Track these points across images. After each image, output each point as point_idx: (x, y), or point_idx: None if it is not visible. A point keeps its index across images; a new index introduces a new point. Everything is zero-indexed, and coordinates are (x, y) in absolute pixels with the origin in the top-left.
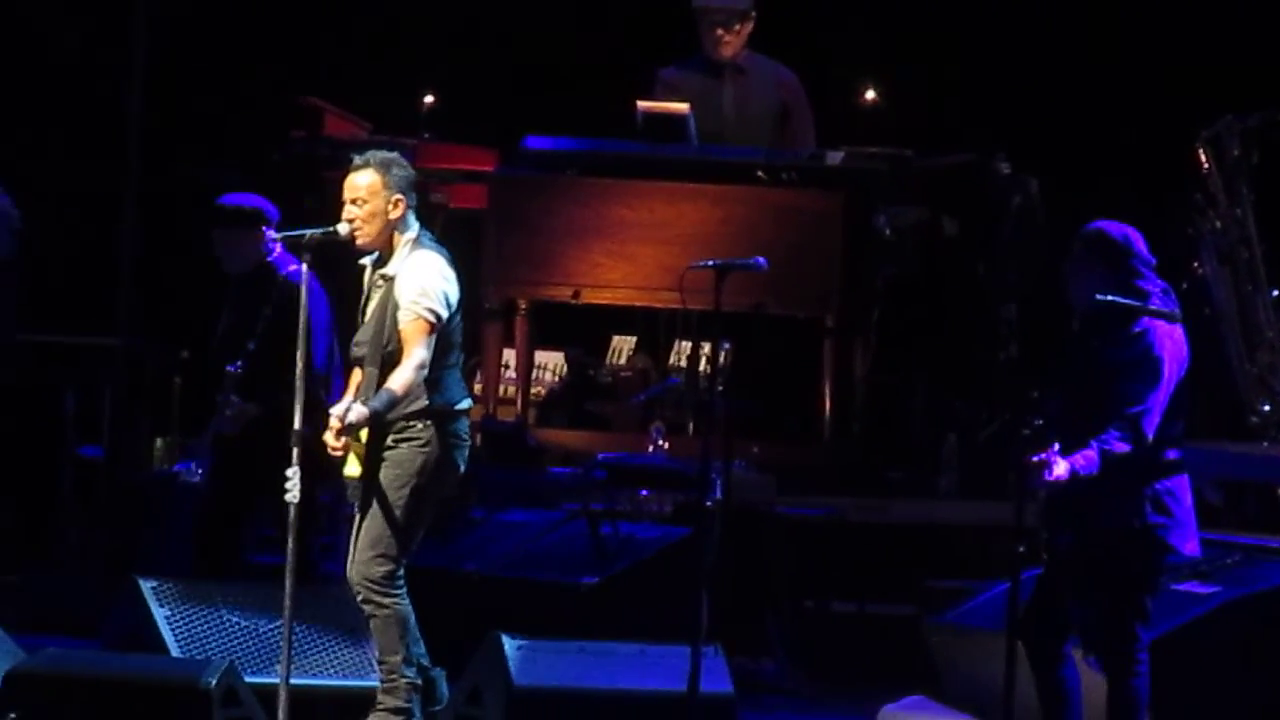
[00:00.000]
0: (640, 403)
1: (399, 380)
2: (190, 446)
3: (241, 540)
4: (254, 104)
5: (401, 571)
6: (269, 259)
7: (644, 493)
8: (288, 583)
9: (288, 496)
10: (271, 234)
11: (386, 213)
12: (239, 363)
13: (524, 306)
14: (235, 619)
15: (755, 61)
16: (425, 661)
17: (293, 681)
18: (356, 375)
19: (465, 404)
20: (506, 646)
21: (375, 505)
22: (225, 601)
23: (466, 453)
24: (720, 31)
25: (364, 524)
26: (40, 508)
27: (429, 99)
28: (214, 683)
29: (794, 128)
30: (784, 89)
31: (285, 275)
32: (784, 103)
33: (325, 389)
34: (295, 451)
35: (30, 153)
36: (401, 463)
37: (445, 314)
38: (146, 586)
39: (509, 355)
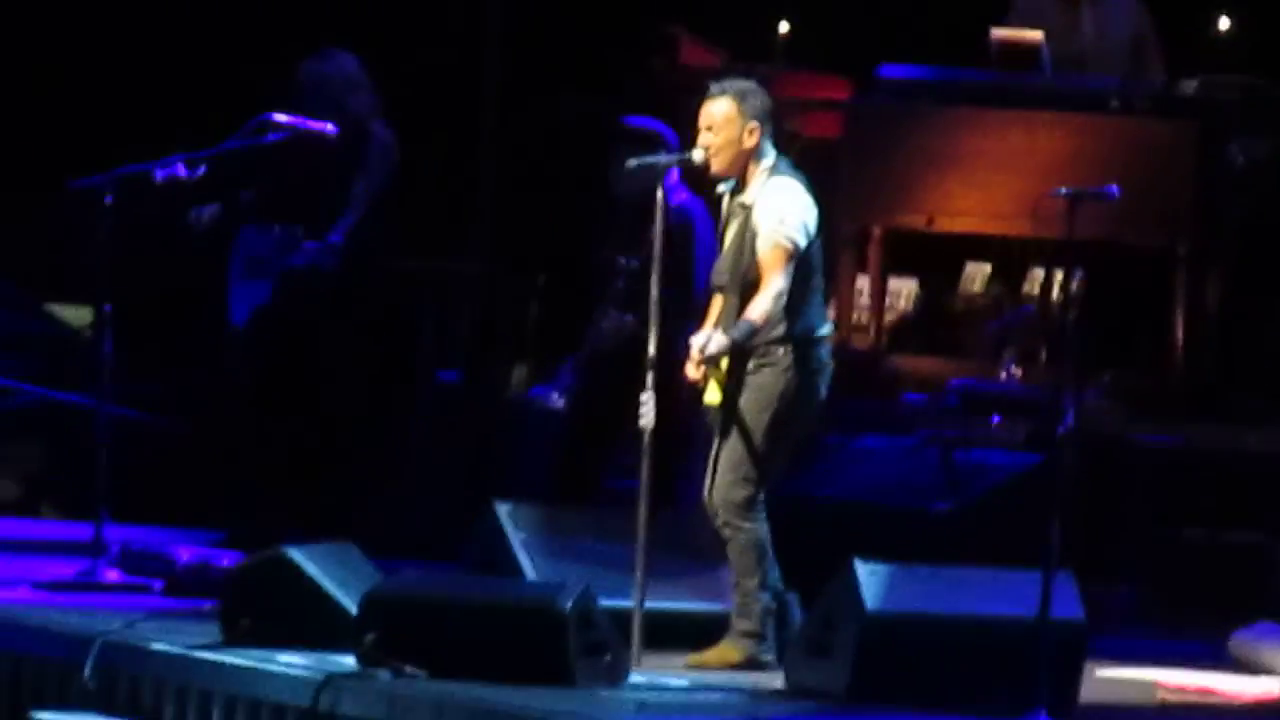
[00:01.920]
0: (993, 330)
1: (759, 309)
2: (556, 370)
3: (605, 463)
4: (612, 31)
5: (762, 496)
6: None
7: (996, 419)
8: (641, 508)
9: (642, 422)
10: (632, 161)
11: (741, 140)
12: (621, 280)
13: (878, 234)
14: (591, 543)
15: None
16: (779, 586)
17: (647, 606)
18: (717, 302)
19: (826, 330)
20: (859, 571)
21: (735, 430)
22: (580, 526)
23: (828, 379)
24: None
25: (724, 448)
26: (400, 432)
27: (784, 27)
28: (570, 606)
29: (1148, 57)
30: (1137, 17)
31: (675, 205)
32: (1137, 32)
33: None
34: (650, 376)
35: (390, 78)
36: (763, 388)
37: (804, 241)
38: (503, 510)
39: (862, 282)
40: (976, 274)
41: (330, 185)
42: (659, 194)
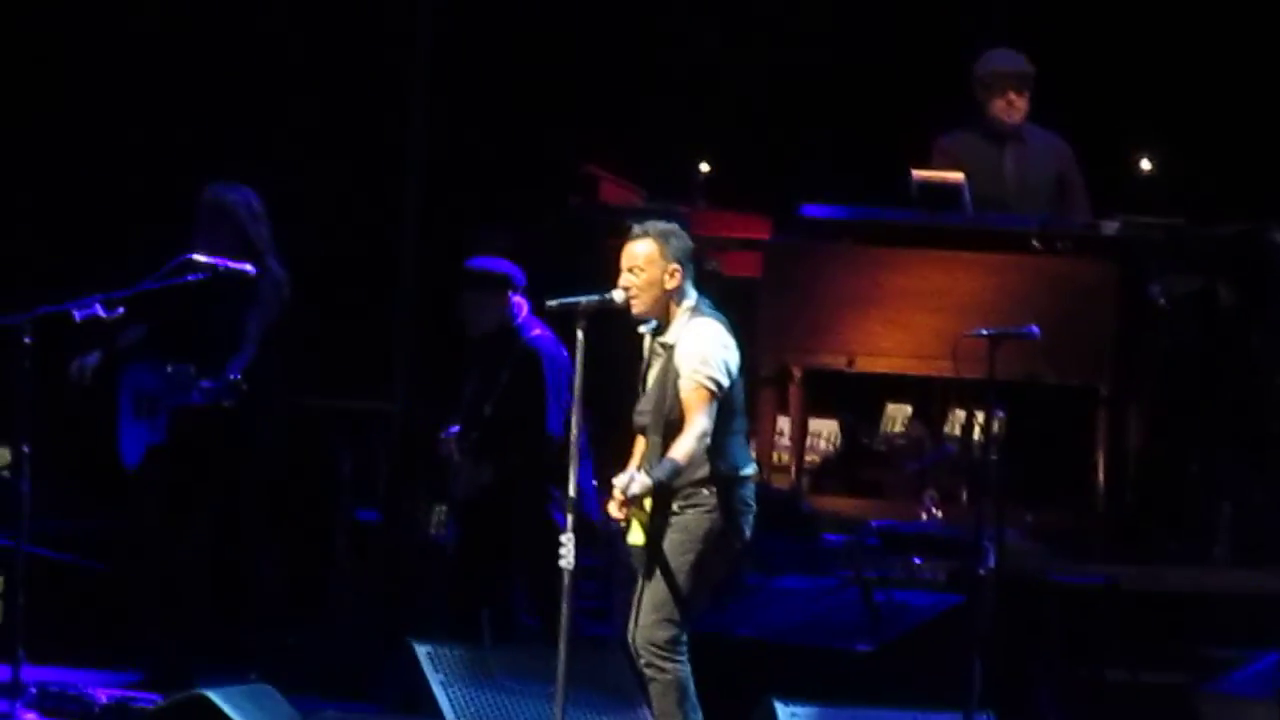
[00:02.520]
0: (914, 470)
1: (681, 449)
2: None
3: (492, 604)
4: (533, 170)
5: (685, 637)
6: (514, 322)
7: (917, 560)
8: (561, 647)
9: (562, 563)
10: (517, 299)
11: (663, 282)
12: (457, 427)
13: (798, 374)
14: (510, 683)
15: (1032, 130)
16: None
17: None
18: (639, 444)
19: (750, 470)
20: (780, 712)
21: (659, 570)
22: (499, 666)
23: (751, 519)
24: (1013, 96)
25: (647, 588)
26: (316, 570)
27: (704, 167)
28: None
29: (1071, 198)
30: (1060, 158)
31: (527, 339)
32: (1060, 172)
33: (563, 454)
34: (570, 518)
35: (309, 211)
36: (687, 528)
37: (726, 381)
38: (422, 651)
39: (783, 423)
40: (897, 414)
41: (225, 320)
42: (579, 333)
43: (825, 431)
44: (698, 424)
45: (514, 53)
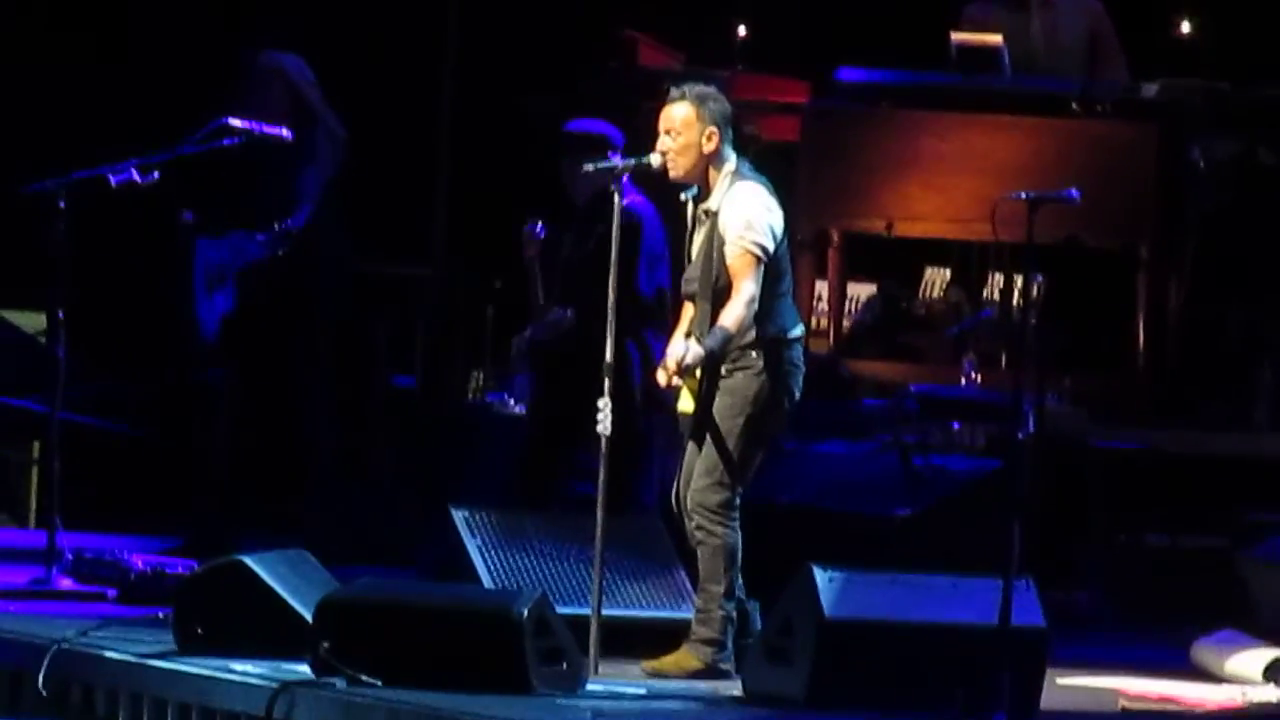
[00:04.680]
0: (953, 335)
1: (731, 316)
2: (512, 376)
3: (567, 464)
4: (569, 34)
5: (737, 500)
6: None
7: (956, 425)
8: (599, 514)
9: (599, 428)
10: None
11: (700, 145)
12: (558, 274)
13: (837, 238)
14: (547, 549)
15: None
16: (741, 594)
17: (604, 612)
18: (688, 310)
19: (798, 331)
20: (818, 578)
21: (709, 435)
22: (537, 532)
23: (800, 380)
24: None
25: (698, 453)
26: (355, 437)
27: (742, 30)
28: (525, 612)
29: (1103, 57)
30: (1092, 18)
31: (626, 204)
32: (1092, 32)
33: (651, 318)
34: (607, 382)
35: (346, 81)
36: (736, 391)
37: (771, 245)
38: (459, 516)
39: (821, 287)
40: (936, 278)
41: (280, 181)
42: (615, 196)
43: (864, 295)
44: (745, 289)
45: None
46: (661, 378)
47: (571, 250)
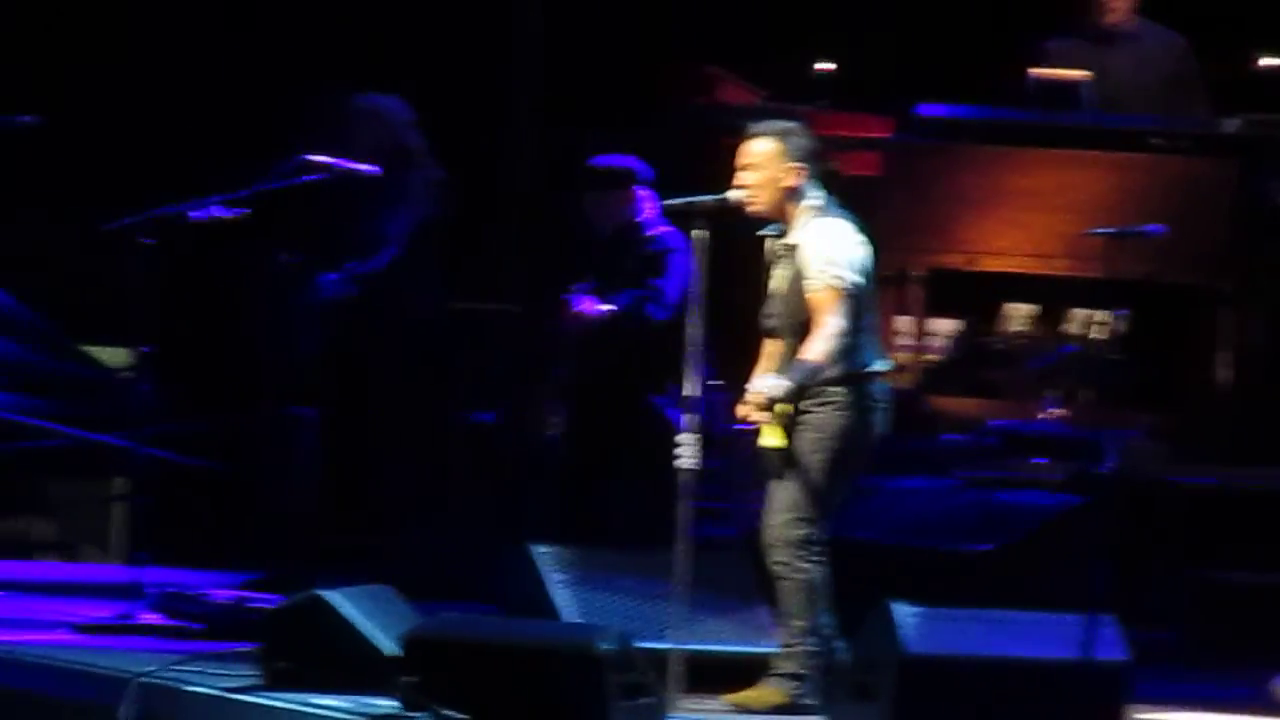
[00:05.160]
0: (1034, 371)
1: (816, 350)
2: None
3: (603, 496)
4: (651, 70)
5: (820, 536)
6: (637, 218)
7: (1037, 460)
8: (679, 548)
9: (682, 463)
10: (642, 194)
11: (781, 181)
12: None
13: (918, 274)
14: (627, 584)
15: (1144, 27)
16: (829, 631)
17: (686, 647)
18: (769, 346)
19: (880, 366)
20: (898, 614)
21: (792, 469)
22: (617, 566)
23: (882, 416)
24: None
25: (781, 489)
26: (434, 472)
27: (823, 66)
28: (607, 648)
29: (1185, 94)
30: (1175, 55)
31: (652, 235)
32: (1175, 69)
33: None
34: (689, 418)
35: (426, 117)
36: (819, 426)
37: (854, 278)
38: (540, 552)
39: (902, 323)
40: (1017, 314)
41: (365, 221)
42: (699, 233)
43: (944, 331)
44: (829, 324)
45: None
46: (743, 411)
47: (599, 284)
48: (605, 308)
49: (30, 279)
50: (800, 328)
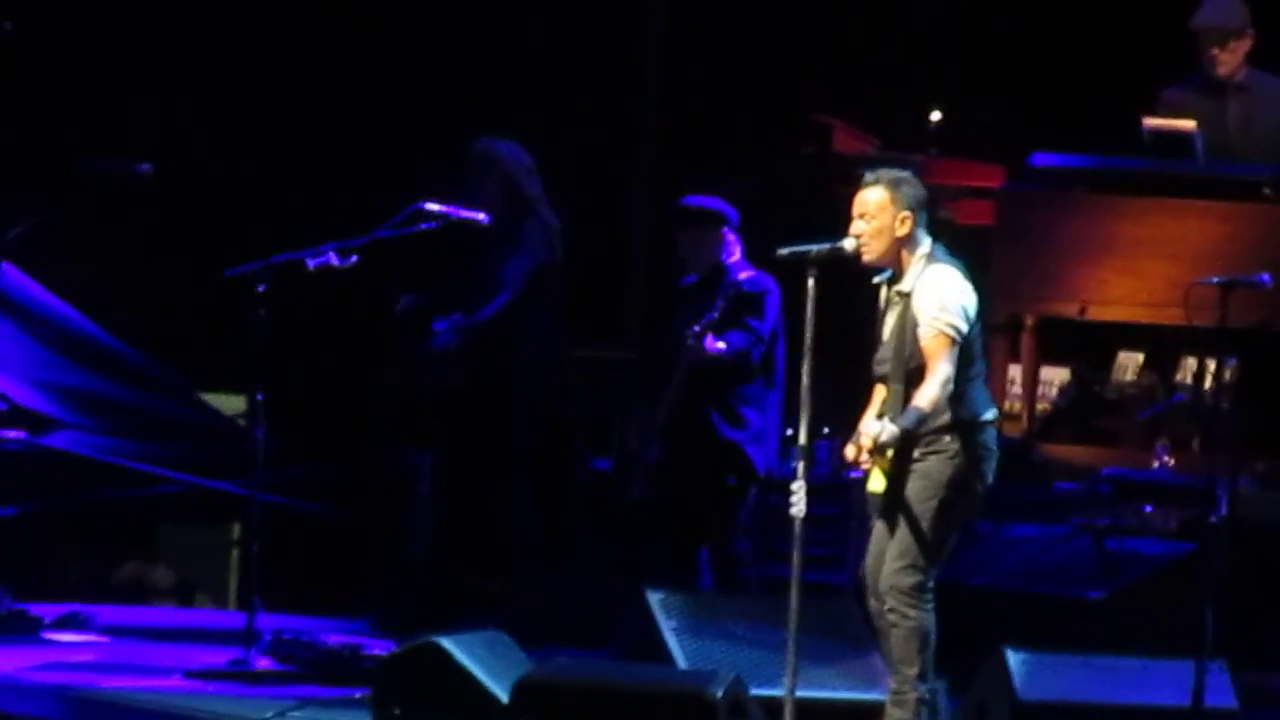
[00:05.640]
0: (1146, 418)
1: (926, 397)
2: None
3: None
4: (765, 119)
5: (931, 584)
6: (726, 260)
7: (1149, 508)
8: (793, 594)
9: (793, 510)
10: (731, 236)
11: (894, 229)
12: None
13: (1030, 322)
14: (741, 630)
15: (1260, 79)
16: (937, 685)
17: (798, 694)
18: (880, 391)
19: (991, 414)
20: (1011, 660)
21: (903, 517)
22: (730, 613)
23: (994, 464)
24: (1215, 50)
25: (891, 536)
26: (552, 519)
27: (936, 115)
28: (721, 694)
29: None
30: None
31: (737, 279)
32: None
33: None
34: (801, 465)
35: (546, 165)
36: (930, 474)
37: (965, 327)
38: (654, 598)
39: (1015, 370)
40: (1129, 362)
41: (481, 268)
42: (810, 281)
43: (1057, 379)
44: (940, 371)
45: (748, 0)
46: (851, 453)
47: (688, 322)
48: (721, 345)
49: (150, 325)
50: (912, 374)
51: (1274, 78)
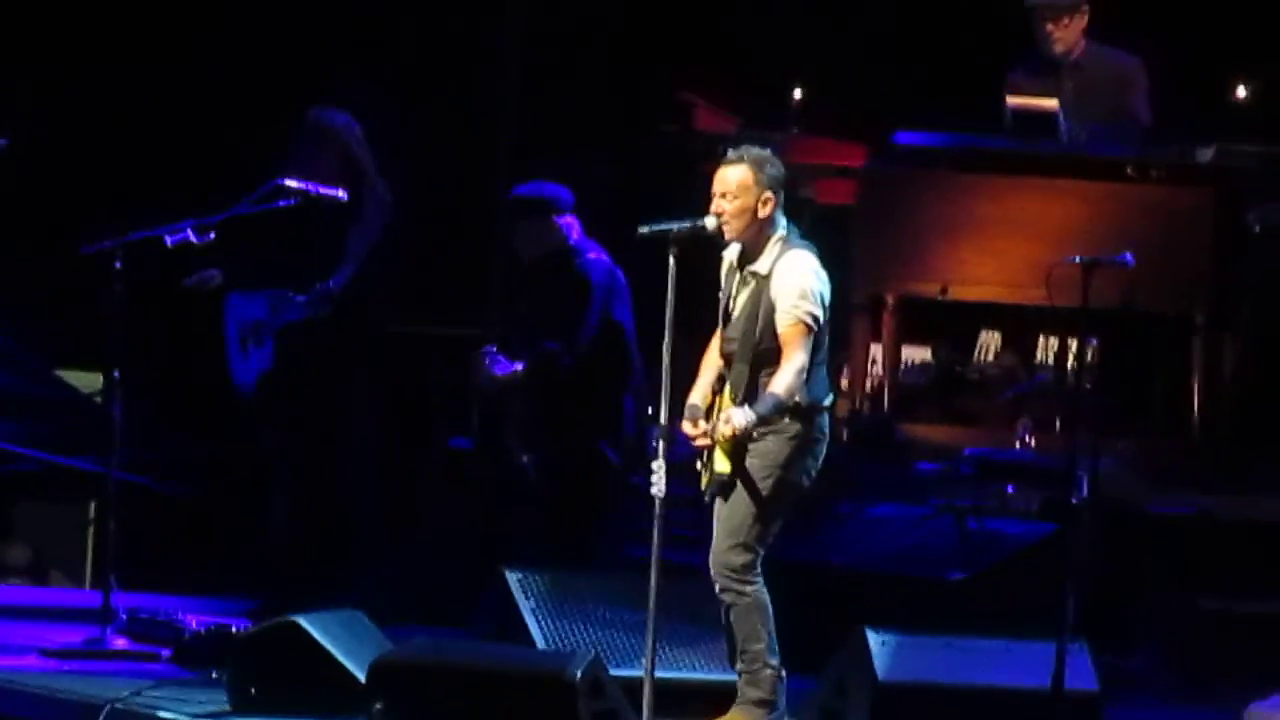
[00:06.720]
0: (1008, 399)
1: (782, 384)
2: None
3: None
4: (627, 98)
5: (759, 561)
6: (566, 244)
7: (1011, 489)
8: (653, 575)
9: (654, 490)
10: (565, 221)
11: (756, 209)
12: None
13: (891, 301)
14: (600, 611)
15: (1098, 55)
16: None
17: (657, 674)
18: (709, 364)
19: (830, 400)
20: (871, 641)
21: (736, 496)
22: (590, 593)
23: (825, 448)
24: (1049, 27)
25: (725, 515)
26: (408, 499)
27: (798, 93)
28: (579, 674)
29: (1129, 106)
30: (1122, 85)
31: (580, 263)
32: (1119, 102)
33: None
34: (661, 445)
35: (404, 146)
36: (766, 454)
37: (823, 316)
38: (513, 578)
39: (876, 350)
40: (991, 342)
41: (327, 241)
42: (671, 259)
43: (918, 359)
44: (797, 359)
45: None
46: (687, 427)
47: (530, 310)
48: (516, 366)
49: (6, 301)
50: (760, 355)
51: (1109, 50)
